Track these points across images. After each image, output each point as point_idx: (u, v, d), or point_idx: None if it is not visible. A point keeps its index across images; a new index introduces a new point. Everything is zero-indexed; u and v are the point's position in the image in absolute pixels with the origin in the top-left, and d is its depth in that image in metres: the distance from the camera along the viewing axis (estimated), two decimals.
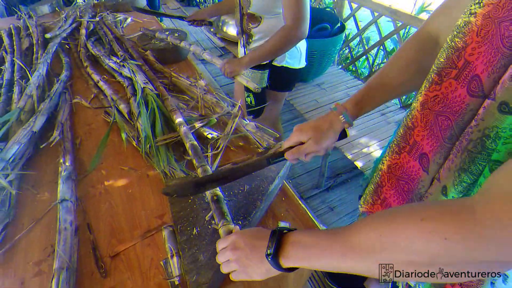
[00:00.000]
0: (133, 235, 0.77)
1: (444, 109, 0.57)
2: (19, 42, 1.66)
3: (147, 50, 1.54)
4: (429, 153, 0.62)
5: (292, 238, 0.50)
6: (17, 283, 0.69)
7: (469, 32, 0.51)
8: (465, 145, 0.52)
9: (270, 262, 0.50)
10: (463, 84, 0.53)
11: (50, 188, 0.90)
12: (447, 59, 0.55)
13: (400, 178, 0.70)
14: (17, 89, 1.22)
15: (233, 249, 0.55)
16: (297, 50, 1.48)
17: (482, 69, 0.50)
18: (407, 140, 0.67)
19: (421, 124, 0.62)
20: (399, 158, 0.70)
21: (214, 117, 1.03)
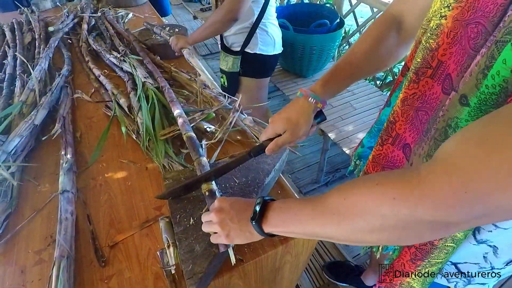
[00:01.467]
0: (132, 226, 0.79)
1: (423, 105, 0.62)
2: (21, 36, 1.68)
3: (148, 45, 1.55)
4: (411, 144, 0.67)
5: (273, 205, 0.54)
6: (17, 271, 0.71)
7: (441, 34, 0.55)
8: (433, 133, 0.56)
9: (254, 226, 0.54)
10: (439, 82, 0.58)
11: (51, 180, 0.92)
12: (423, 59, 0.59)
13: (385, 166, 0.76)
14: (19, 83, 1.23)
15: (217, 212, 0.58)
16: (269, 37, 1.56)
17: (453, 69, 0.54)
18: (389, 133, 0.71)
19: (402, 118, 0.67)
20: (382, 149, 0.75)
21: (212, 111, 1.05)
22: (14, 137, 0.94)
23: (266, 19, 1.50)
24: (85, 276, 0.70)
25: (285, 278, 0.89)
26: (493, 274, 0.67)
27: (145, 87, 1.16)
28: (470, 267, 0.68)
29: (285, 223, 0.52)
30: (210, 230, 0.62)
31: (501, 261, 0.65)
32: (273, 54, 1.61)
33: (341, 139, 1.84)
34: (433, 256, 0.66)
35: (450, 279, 0.72)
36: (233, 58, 1.59)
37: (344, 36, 2.82)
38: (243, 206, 0.58)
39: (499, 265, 0.66)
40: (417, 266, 0.72)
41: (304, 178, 2.22)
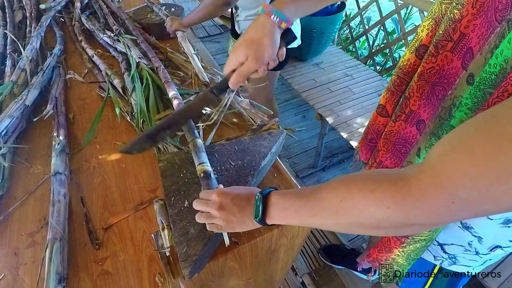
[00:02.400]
0: (126, 208, 0.78)
1: (441, 80, 0.59)
2: (11, 14, 1.62)
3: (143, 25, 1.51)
4: (426, 120, 0.64)
5: (273, 200, 0.55)
6: (10, 254, 0.70)
7: (466, 4, 0.51)
8: (439, 112, 0.55)
9: (258, 222, 0.56)
10: (459, 57, 0.55)
11: (43, 162, 0.90)
12: (445, 32, 0.56)
13: (396, 143, 0.73)
14: (10, 62, 1.20)
15: (219, 208, 0.58)
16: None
17: (475, 43, 0.51)
18: (403, 109, 0.68)
19: (417, 94, 0.64)
20: (394, 125, 0.72)
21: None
22: (5, 117, 0.91)
23: None
24: (79, 259, 0.70)
25: (280, 260, 0.89)
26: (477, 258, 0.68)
27: (140, 67, 1.13)
28: (455, 248, 0.68)
29: (287, 218, 0.54)
30: (210, 222, 0.61)
31: (485, 247, 0.65)
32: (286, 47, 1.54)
33: (339, 124, 1.83)
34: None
35: (437, 257, 0.73)
36: None
37: (345, 20, 2.76)
38: (244, 201, 0.58)
39: (484, 251, 0.66)
40: (402, 242, 0.73)
41: (301, 163, 2.21)
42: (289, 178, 0.86)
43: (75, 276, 0.67)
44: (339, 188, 0.47)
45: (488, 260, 0.70)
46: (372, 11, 3.39)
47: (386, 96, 0.78)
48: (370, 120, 0.86)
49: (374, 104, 1.96)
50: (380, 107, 0.81)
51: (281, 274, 1.00)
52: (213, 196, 0.59)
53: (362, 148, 0.92)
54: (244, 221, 0.58)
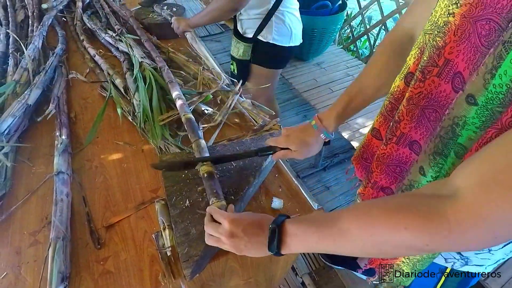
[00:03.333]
0: (127, 208, 0.79)
1: (430, 103, 0.61)
2: (14, 14, 1.63)
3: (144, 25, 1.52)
4: (420, 140, 0.66)
5: (289, 231, 0.54)
6: (13, 253, 0.71)
7: (448, 32, 0.53)
8: (438, 131, 0.56)
9: (275, 255, 0.55)
10: (447, 81, 0.56)
11: (45, 161, 0.90)
12: (429, 58, 0.58)
13: (389, 164, 0.75)
14: (12, 61, 1.20)
15: (230, 237, 0.56)
16: (286, 27, 1.46)
17: (463, 67, 0.53)
18: (394, 132, 0.70)
19: (407, 117, 0.66)
20: (386, 148, 0.74)
21: (210, 93, 1.03)
22: (7, 117, 0.92)
23: (285, 8, 1.42)
24: (81, 258, 0.70)
25: (280, 260, 0.89)
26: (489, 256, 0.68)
27: (142, 67, 1.13)
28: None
29: (303, 248, 0.53)
30: (220, 246, 0.60)
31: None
32: (288, 46, 1.53)
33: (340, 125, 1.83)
34: None
35: (448, 259, 0.73)
36: (245, 46, 1.52)
37: (346, 19, 2.76)
38: (255, 230, 0.57)
39: (496, 247, 0.66)
40: None
41: (302, 163, 2.21)
42: (290, 179, 0.86)
43: (77, 275, 0.67)
44: (364, 220, 0.47)
45: (501, 259, 0.70)
46: (373, 11, 3.39)
47: (379, 120, 0.80)
48: (365, 140, 0.87)
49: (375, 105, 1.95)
50: (374, 130, 0.82)
51: (281, 274, 1.01)
52: (224, 223, 0.58)
53: (358, 166, 0.93)
54: (255, 251, 0.57)
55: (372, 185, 0.81)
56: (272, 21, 1.42)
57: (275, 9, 1.39)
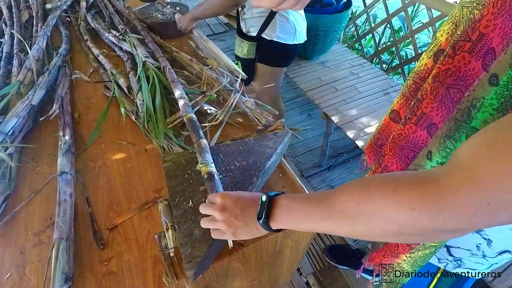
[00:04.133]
0: (131, 208, 0.79)
1: (457, 82, 0.56)
2: (18, 14, 1.63)
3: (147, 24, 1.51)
4: (439, 124, 0.62)
5: (280, 202, 0.52)
6: (17, 253, 0.71)
7: (488, 4, 0.49)
8: (454, 114, 0.52)
9: (261, 225, 0.52)
10: (477, 58, 0.52)
11: (49, 161, 0.90)
12: (463, 32, 0.54)
13: (404, 147, 0.71)
14: (16, 62, 1.21)
15: (221, 210, 0.56)
16: (290, 25, 1.46)
17: (497, 42, 0.49)
18: (414, 111, 0.66)
19: (430, 96, 0.62)
20: (403, 129, 0.70)
21: (213, 92, 1.02)
22: (12, 117, 0.92)
23: None
24: (85, 258, 0.70)
25: (285, 262, 0.89)
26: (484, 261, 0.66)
27: (146, 66, 1.13)
28: (461, 252, 0.67)
29: (294, 221, 0.51)
30: (213, 227, 0.59)
31: (494, 251, 0.64)
32: (292, 43, 1.52)
33: (344, 123, 1.82)
34: None
35: (441, 260, 0.72)
36: (249, 45, 1.52)
37: (351, 17, 2.74)
38: (247, 202, 0.56)
39: (492, 254, 0.65)
40: (411, 248, 0.71)
41: (306, 162, 2.20)
42: (294, 179, 0.85)
43: (80, 276, 0.67)
44: (355, 190, 0.44)
45: (494, 263, 0.69)
46: (379, 9, 3.36)
47: (400, 102, 0.76)
48: (381, 125, 0.83)
49: (381, 103, 1.95)
50: (393, 112, 0.78)
51: (286, 276, 1.00)
52: (217, 198, 0.58)
53: (370, 154, 0.90)
54: (247, 224, 0.55)
55: (383, 169, 0.77)
56: (275, 19, 1.42)
57: None
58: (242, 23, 1.54)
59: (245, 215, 0.55)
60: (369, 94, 2.03)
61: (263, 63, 1.58)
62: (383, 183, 0.41)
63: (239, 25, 1.57)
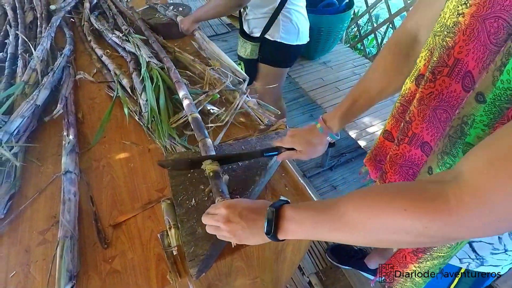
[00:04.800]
0: (134, 207, 0.79)
1: (441, 104, 0.60)
2: (22, 15, 1.65)
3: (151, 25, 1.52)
4: (431, 142, 0.66)
5: (287, 214, 0.53)
6: (22, 251, 0.72)
7: (458, 32, 0.53)
8: (447, 131, 0.55)
9: (270, 238, 0.54)
10: (457, 80, 0.56)
11: (53, 161, 0.91)
12: (439, 58, 0.58)
13: (403, 165, 0.75)
14: (21, 63, 1.22)
15: (226, 222, 0.56)
16: (293, 26, 1.46)
17: (473, 66, 0.52)
18: (405, 133, 0.71)
19: (418, 118, 0.66)
20: (398, 149, 0.74)
21: (216, 92, 1.03)
22: (16, 117, 0.93)
23: (291, 6, 1.42)
24: (89, 257, 0.71)
25: (287, 260, 0.89)
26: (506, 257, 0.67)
27: (149, 67, 1.14)
28: (484, 246, 0.67)
29: (302, 233, 0.52)
30: (218, 234, 0.59)
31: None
32: (295, 44, 1.52)
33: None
34: (435, 248, 0.66)
35: (463, 260, 0.72)
36: (252, 45, 1.52)
37: (353, 18, 2.75)
38: (253, 215, 0.56)
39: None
40: (418, 258, 0.72)
41: (309, 162, 2.20)
42: (296, 178, 0.86)
43: (84, 274, 0.68)
44: (364, 205, 0.45)
45: None
46: (381, 9, 3.36)
47: (391, 122, 0.80)
48: (377, 143, 0.88)
49: (383, 103, 1.94)
50: (386, 132, 0.83)
51: (288, 274, 1.00)
52: (221, 209, 0.58)
53: (371, 168, 0.93)
54: (253, 236, 0.56)
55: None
56: (279, 19, 1.42)
57: (282, 8, 1.39)
58: (245, 24, 1.55)
59: (252, 228, 0.56)
60: None
61: (266, 63, 1.59)
62: (392, 199, 0.42)
63: (242, 26, 1.58)
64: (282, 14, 1.41)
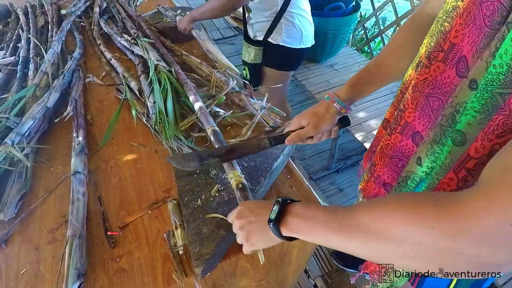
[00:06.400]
0: (141, 208, 0.81)
1: (434, 91, 0.60)
2: (34, 20, 1.69)
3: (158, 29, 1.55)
4: (422, 132, 0.65)
5: (294, 209, 0.51)
6: (32, 249, 0.73)
7: (456, 16, 0.53)
8: (439, 120, 0.55)
9: (272, 228, 0.52)
10: (451, 66, 0.56)
11: (63, 162, 0.93)
12: (436, 43, 0.57)
13: (393, 156, 0.74)
14: (32, 66, 1.25)
15: (239, 218, 0.58)
16: (296, 29, 1.47)
17: (468, 50, 0.52)
18: (398, 121, 0.70)
19: (412, 105, 0.65)
20: (390, 139, 0.72)
21: (222, 95, 1.04)
22: (28, 119, 0.95)
23: (294, 10, 1.42)
24: (97, 256, 0.72)
25: (292, 263, 0.90)
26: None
27: (158, 70, 1.16)
28: None
29: (307, 231, 0.49)
30: (234, 230, 0.60)
31: None
32: (299, 48, 1.53)
33: (353, 126, 1.82)
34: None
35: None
36: (256, 50, 1.54)
37: (360, 20, 2.75)
38: (262, 210, 0.56)
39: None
40: None
41: (315, 165, 2.20)
42: (301, 180, 0.86)
43: (92, 272, 0.69)
44: (373, 206, 0.43)
45: None
46: (388, 12, 3.36)
47: (390, 110, 0.79)
48: (376, 133, 0.87)
49: (388, 106, 1.94)
50: (384, 121, 0.82)
51: (293, 277, 1.00)
52: (237, 208, 0.60)
53: (366, 159, 0.92)
54: (260, 231, 0.55)
55: (375, 179, 0.80)
56: (281, 23, 1.44)
57: (284, 11, 1.40)
58: (249, 28, 1.56)
59: (258, 221, 0.55)
60: (377, 97, 2.03)
61: (270, 67, 1.60)
62: (402, 200, 0.41)
63: (246, 30, 1.59)
64: (284, 18, 1.42)
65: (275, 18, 1.42)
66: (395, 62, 0.73)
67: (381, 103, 1.96)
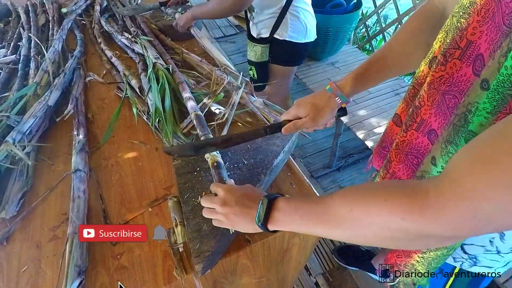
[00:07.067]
0: (142, 205, 0.81)
1: (450, 88, 0.59)
2: (35, 18, 1.69)
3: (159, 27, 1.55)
4: (438, 130, 0.64)
5: (278, 205, 0.54)
6: (33, 247, 0.74)
7: (473, 13, 0.52)
8: (452, 119, 0.54)
9: (260, 226, 0.55)
10: (468, 64, 0.55)
11: (64, 160, 0.94)
12: (452, 40, 0.56)
13: (408, 153, 0.73)
14: (33, 64, 1.25)
15: (223, 205, 0.58)
16: (301, 24, 1.46)
17: (485, 48, 0.51)
18: (414, 118, 0.68)
19: (428, 103, 0.64)
20: (406, 135, 0.71)
21: (218, 92, 1.04)
22: (29, 117, 0.96)
23: (299, 4, 1.43)
24: (97, 253, 0.72)
25: (293, 260, 0.90)
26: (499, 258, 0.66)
27: (156, 68, 1.16)
28: (475, 249, 0.67)
29: (290, 224, 0.53)
30: (214, 218, 0.62)
31: (508, 246, 0.64)
32: (304, 42, 1.53)
33: (354, 124, 1.81)
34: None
35: (457, 259, 0.72)
36: (262, 47, 1.53)
37: (361, 18, 2.74)
38: (248, 202, 0.58)
39: (506, 250, 0.65)
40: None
41: (316, 163, 2.20)
42: (302, 177, 0.86)
43: (93, 269, 0.69)
44: (349, 197, 0.46)
45: (510, 261, 0.68)
46: (390, 9, 3.34)
47: (402, 106, 0.78)
48: (386, 128, 0.86)
49: (391, 104, 1.94)
50: (395, 116, 0.80)
51: (294, 274, 1.01)
52: (220, 191, 0.60)
53: (376, 155, 0.92)
54: (245, 223, 0.57)
55: (391, 175, 0.78)
56: (286, 18, 1.43)
57: (289, 6, 1.40)
58: (253, 28, 1.56)
59: (245, 215, 0.57)
60: (379, 95, 2.02)
61: (277, 63, 1.60)
62: (376, 192, 0.43)
63: (250, 30, 1.59)
64: (289, 12, 1.42)
65: (280, 13, 1.42)
66: (401, 55, 0.72)
67: (383, 101, 1.95)
